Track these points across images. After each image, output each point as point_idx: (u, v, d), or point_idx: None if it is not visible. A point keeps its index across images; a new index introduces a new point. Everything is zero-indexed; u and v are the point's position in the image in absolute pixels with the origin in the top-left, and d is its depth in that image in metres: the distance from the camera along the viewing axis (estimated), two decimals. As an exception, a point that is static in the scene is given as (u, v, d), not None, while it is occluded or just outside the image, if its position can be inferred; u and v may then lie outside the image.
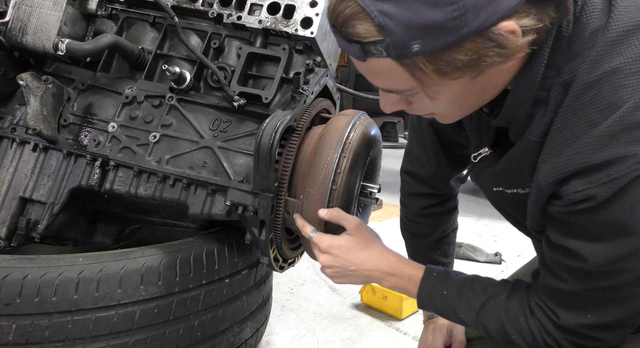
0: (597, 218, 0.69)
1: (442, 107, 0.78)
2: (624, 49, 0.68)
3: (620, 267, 0.71)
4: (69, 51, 1.32)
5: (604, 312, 0.77)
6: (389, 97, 0.79)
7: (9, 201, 1.36)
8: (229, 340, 1.40)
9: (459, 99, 0.75)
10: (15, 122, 1.41)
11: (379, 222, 3.28)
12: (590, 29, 0.71)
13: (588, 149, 0.68)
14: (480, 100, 0.79)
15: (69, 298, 1.10)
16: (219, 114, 1.36)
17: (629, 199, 0.66)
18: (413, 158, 1.23)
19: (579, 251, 0.73)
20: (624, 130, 0.65)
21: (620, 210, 0.67)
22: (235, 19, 1.39)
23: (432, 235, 1.29)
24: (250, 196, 1.22)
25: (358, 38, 0.66)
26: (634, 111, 0.65)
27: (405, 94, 0.76)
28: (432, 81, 0.69)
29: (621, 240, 0.69)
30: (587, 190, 0.68)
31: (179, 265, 1.23)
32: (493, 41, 0.64)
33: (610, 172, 0.66)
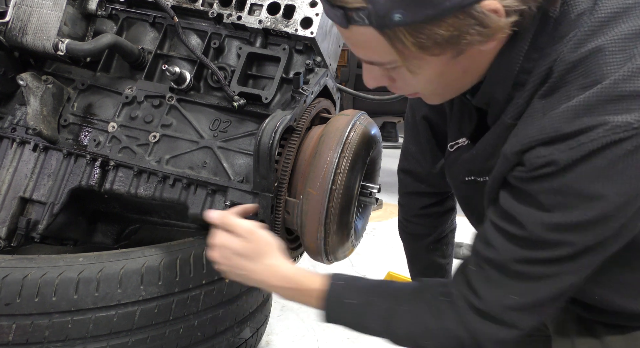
0: (552, 185, 0.67)
1: (423, 85, 0.77)
2: (609, 29, 0.67)
3: (560, 238, 0.69)
4: (69, 51, 1.32)
5: (529, 291, 0.75)
6: (371, 70, 0.79)
7: (9, 201, 1.36)
8: (229, 340, 1.40)
9: (440, 78, 0.75)
10: (15, 122, 1.42)
11: (379, 222, 3.28)
12: (576, 12, 0.70)
13: (560, 119, 0.66)
14: (462, 82, 0.78)
15: (69, 298, 1.10)
16: (219, 114, 1.36)
17: (590, 167, 0.64)
18: (409, 155, 1.23)
19: (521, 217, 0.71)
20: (601, 102, 0.64)
21: (578, 177, 0.65)
22: (235, 19, 1.39)
23: (430, 235, 1.29)
24: (250, 196, 1.22)
25: (342, 3, 0.66)
26: (614, 84, 0.64)
27: (387, 69, 0.76)
28: (413, 55, 0.69)
29: (567, 212, 0.67)
30: (550, 156, 0.66)
31: (179, 265, 1.23)
32: (475, 19, 0.63)
33: (579, 138, 0.64)
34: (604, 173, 0.64)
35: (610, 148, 0.63)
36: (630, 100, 0.63)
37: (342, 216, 1.19)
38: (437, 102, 0.86)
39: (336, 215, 1.17)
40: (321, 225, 1.17)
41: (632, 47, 0.65)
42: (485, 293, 0.77)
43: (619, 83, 0.64)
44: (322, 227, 1.17)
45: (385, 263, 2.59)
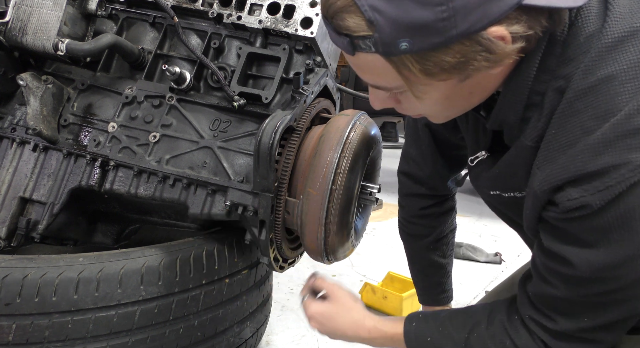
0: (591, 225, 0.69)
1: (429, 107, 0.78)
2: (619, 55, 0.68)
3: (612, 274, 0.71)
4: (69, 51, 1.32)
5: (600, 315, 0.76)
6: (377, 93, 0.79)
7: (9, 201, 1.36)
8: (229, 340, 1.40)
9: (446, 101, 0.75)
10: (15, 122, 1.41)
11: (379, 222, 3.28)
12: (585, 34, 0.70)
13: (583, 157, 0.67)
14: (469, 102, 0.79)
15: (69, 298, 1.10)
16: (219, 114, 1.36)
17: (624, 207, 0.66)
18: (410, 158, 1.23)
19: (570, 258, 0.72)
20: (619, 137, 0.65)
21: (615, 218, 0.67)
22: (235, 19, 1.39)
23: (430, 235, 1.29)
24: (250, 196, 1.22)
25: (348, 31, 0.66)
26: (628, 118, 0.65)
27: (393, 92, 0.76)
28: (419, 81, 0.69)
29: (613, 248, 0.68)
30: (582, 198, 0.67)
31: (179, 265, 1.23)
32: (481, 45, 0.63)
33: (605, 180, 0.65)
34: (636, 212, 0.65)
35: (638, 186, 0.64)
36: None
37: (342, 216, 1.19)
38: (442, 121, 0.86)
39: (336, 215, 1.17)
40: (321, 225, 1.17)
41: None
42: (558, 318, 0.79)
43: (633, 116, 0.64)
44: (322, 227, 1.17)
45: (385, 263, 2.59)
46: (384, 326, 1.01)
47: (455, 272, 1.39)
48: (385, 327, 1.00)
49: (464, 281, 2.45)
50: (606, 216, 0.67)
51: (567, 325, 0.78)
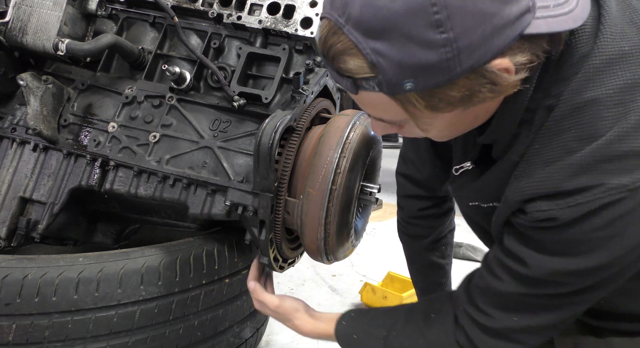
0: (553, 236, 0.71)
1: (434, 134, 0.79)
2: (606, 78, 0.68)
3: (560, 280, 0.74)
4: (69, 51, 1.32)
5: (531, 318, 0.80)
6: (380, 123, 0.80)
7: (9, 201, 1.36)
8: (229, 340, 1.40)
9: (451, 127, 0.76)
10: (15, 122, 1.41)
11: (379, 222, 3.28)
12: (578, 54, 0.70)
13: (559, 176, 0.69)
14: (473, 125, 0.79)
15: (69, 298, 1.10)
16: (219, 114, 1.36)
17: (589, 225, 0.68)
18: (408, 161, 1.24)
19: (526, 259, 0.75)
20: (597, 162, 0.66)
21: (578, 234, 0.69)
22: (235, 19, 1.39)
23: (429, 236, 1.29)
24: (250, 196, 1.22)
25: (350, 73, 0.65)
26: (608, 144, 0.66)
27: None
28: (424, 115, 0.70)
29: (569, 259, 0.71)
30: (551, 211, 0.69)
31: (179, 265, 1.23)
32: (486, 78, 0.63)
33: (577, 197, 0.67)
34: (602, 231, 0.67)
35: (607, 208, 0.66)
36: (624, 160, 0.65)
37: (342, 216, 1.19)
38: (444, 140, 0.87)
39: (336, 215, 1.17)
40: (321, 225, 1.17)
41: (627, 102, 0.67)
42: (489, 312, 0.83)
43: (613, 143, 0.66)
44: (322, 227, 1.17)
45: (385, 263, 2.59)
46: (318, 329, 1.08)
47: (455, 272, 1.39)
48: (319, 330, 1.08)
49: (464, 281, 2.45)
50: (570, 230, 0.69)
51: (499, 322, 0.82)
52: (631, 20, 0.71)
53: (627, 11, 0.72)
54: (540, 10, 0.63)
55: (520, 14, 0.60)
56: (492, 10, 0.58)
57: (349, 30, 0.62)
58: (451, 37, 0.58)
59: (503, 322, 0.81)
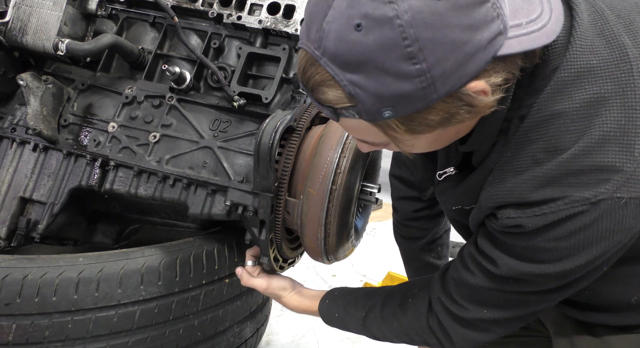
0: (521, 242, 0.75)
1: (418, 151, 0.81)
2: (573, 92, 0.70)
3: (527, 279, 0.78)
4: (69, 51, 1.32)
5: (499, 311, 0.84)
6: (364, 143, 0.81)
7: (9, 201, 1.36)
8: (229, 340, 1.40)
9: (434, 143, 0.78)
10: (15, 122, 1.41)
11: (379, 222, 3.28)
12: (550, 67, 0.72)
13: (527, 186, 0.72)
14: (454, 139, 0.81)
15: (69, 298, 1.10)
16: (219, 114, 1.36)
17: (553, 234, 0.71)
18: (401, 163, 1.24)
19: (496, 259, 0.79)
20: (562, 175, 0.69)
21: (543, 242, 0.73)
22: (235, 19, 1.39)
23: (424, 237, 1.29)
24: (250, 196, 1.22)
25: (329, 104, 0.67)
26: (573, 158, 0.68)
27: None
28: (405, 138, 0.71)
29: (534, 263, 0.75)
30: (518, 218, 0.73)
31: (179, 265, 1.23)
32: (463, 101, 0.64)
33: (543, 207, 0.70)
34: (565, 241, 0.71)
35: (570, 219, 0.69)
36: (587, 174, 0.68)
37: (342, 216, 1.19)
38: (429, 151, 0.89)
39: (336, 215, 1.17)
40: (321, 225, 1.17)
41: (592, 116, 0.68)
42: (461, 302, 0.88)
43: (577, 157, 0.68)
44: (322, 227, 1.17)
45: (385, 263, 2.59)
46: (303, 306, 1.15)
47: (455, 272, 1.39)
48: (304, 306, 1.15)
49: (464, 281, 2.45)
50: (537, 238, 0.73)
51: (471, 314, 0.87)
52: (601, 32, 0.72)
53: (598, 23, 0.73)
54: (512, 29, 0.64)
55: (491, 38, 0.61)
56: (463, 39, 0.59)
57: (325, 62, 0.63)
58: (424, 68, 0.59)
59: (474, 314, 0.86)
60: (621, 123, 0.67)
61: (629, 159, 0.66)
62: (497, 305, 0.84)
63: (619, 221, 0.68)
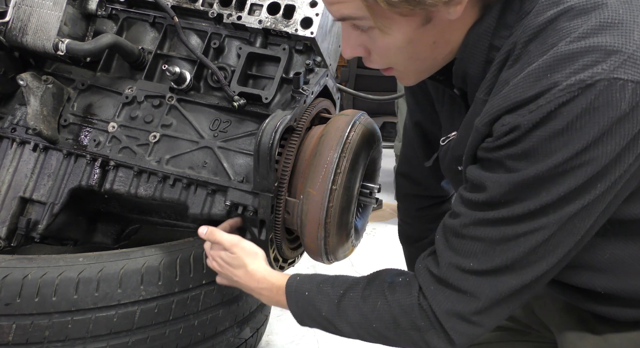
0: (516, 150, 0.68)
1: (394, 51, 0.78)
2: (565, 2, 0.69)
3: (517, 195, 0.70)
4: (69, 51, 1.32)
5: (486, 256, 0.74)
6: (348, 37, 0.81)
7: (9, 201, 1.36)
8: (229, 340, 1.40)
9: (410, 46, 0.76)
10: (15, 122, 1.41)
11: (379, 222, 3.28)
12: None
13: (523, 85, 0.68)
14: (433, 54, 0.80)
15: (69, 298, 1.10)
16: (219, 114, 1.36)
17: (550, 129, 0.65)
18: (406, 159, 1.24)
19: (485, 182, 0.72)
20: (557, 62, 0.65)
21: (539, 139, 0.66)
22: (235, 19, 1.39)
23: (427, 238, 1.29)
24: (250, 196, 1.22)
25: None
26: (568, 44, 0.65)
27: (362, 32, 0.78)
28: (382, 12, 0.71)
29: (528, 169, 0.68)
30: (514, 122, 0.68)
31: (179, 265, 1.23)
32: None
33: (539, 101, 0.65)
34: (563, 133, 0.65)
35: (566, 106, 0.64)
36: (583, 56, 0.64)
37: (342, 216, 1.19)
38: (413, 82, 0.88)
39: (336, 215, 1.17)
40: (321, 225, 1.17)
41: (590, 10, 0.67)
42: (445, 259, 0.78)
43: (573, 42, 0.65)
44: (322, 227, 1.17)
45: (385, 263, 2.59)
46: (272, 277, 0.99)
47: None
48: (273, 279, 0.99)
49: (464, 281, 2.45)
50: (532, 138, 0.66)
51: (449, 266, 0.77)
52: None
53: None
54: None
55: None
56: None
57: None
58: None
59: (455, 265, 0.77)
60: (619, 13, 0.66)
61: (628, 42, 0.64)
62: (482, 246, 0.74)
63: (616, 106, 0.63)
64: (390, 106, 5.69)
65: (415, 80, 0.88)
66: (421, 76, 0.87)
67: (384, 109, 5.63)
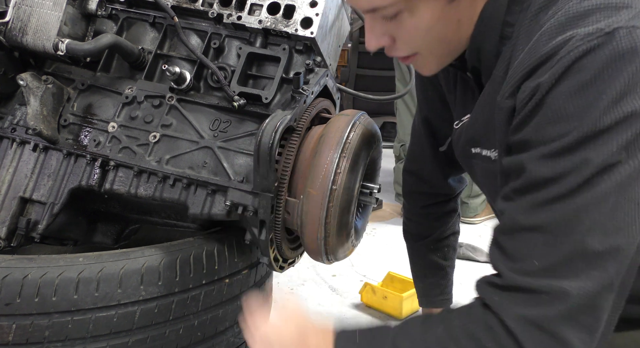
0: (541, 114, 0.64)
1: (423, 33, 0.78)
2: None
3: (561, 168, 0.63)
4: (69, 51, 1.32)
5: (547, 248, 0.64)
6: (373, 27, 0.81)
7: (9, 201, 1.36)
8: (229, 340, 1.40)
9: (438, 25, 0.77)
10: (15, 122, 1.41)
11: (379, 222, 3.28)
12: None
13: (537, 46, 0.66)
14: (457, 35, 0.80)
15: (69, 298, 1.10)
16: (219, 114, 1.36)
17: (575, 82, 0.61)
18: (413, 156, 1.25)
19: (522, 162, 0.66)
20: (571, 19, 0.65)
21: (565, 96, 0.62)
22: (235, 19, 1.39)
23: (430, 236, 1.29)
24: (250, 196, 1.22)
25: None
26: (578, 2, 0.66)
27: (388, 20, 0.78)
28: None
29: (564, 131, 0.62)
30: (534, 82, 0.65)
31: (179, 265, 1.23)
32: None
33: (556, 57, 0.63)
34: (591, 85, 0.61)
35: (587, 56, 0.61)
36: (598, 12, 0.63)
37: (342, 216, 1.19)
38: (435, 69, 0.88)
39: (336, 215, 1.17)
40: (321, 225, 1.17)
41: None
42: (505, 269, 0.68)
43: (583, 0, 0.66)
44: (322, 227, 1.17)
45: (385, 263, 2.59)
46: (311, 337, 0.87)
47: (455, 272, 1.39)
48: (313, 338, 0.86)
49: (464, 281, 2.44)
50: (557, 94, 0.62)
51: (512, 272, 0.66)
52: None
53: None
54: None
55: None
56: None
57: None
58: None
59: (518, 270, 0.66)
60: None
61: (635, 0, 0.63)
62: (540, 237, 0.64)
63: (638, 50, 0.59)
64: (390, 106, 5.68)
65: (438, 67, 0.87)
66: (444, 61, 0.86)
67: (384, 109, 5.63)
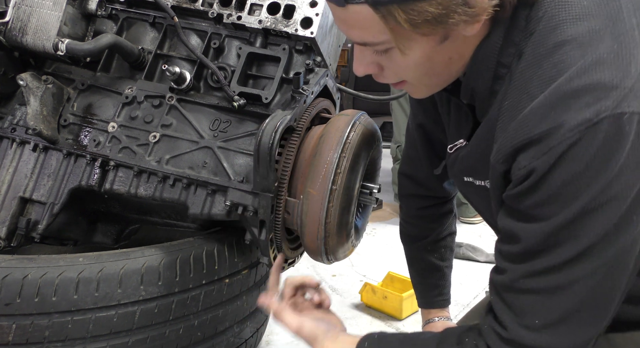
0: (540, 196, 0.68)
1: (412, 69, 0.79)
2: (566, 28, 0.70)
3: (553, 242, 0.69)
4: (69, 51, 1.32)
5: (547, 308, 0.72)
6: (362, 57, 0.81)
7: (9, 201, 1.36)
8: (229, 340, 1.40)
9: (428, 62, 0.77)
10: (15, 122, 1.41)
11: (379, 222, 3.28)
12: (543, 9, 0.73)
13: (528, 122, 0.68)
14: (447, 70, 0.80)
15: (69, 298, 1.10)
16: (219, 114, 1.36)
17: (567, 171, 0.66)
18: (408, 159, 1.25)
19: (518, 232, 0.72)
20: (560, 100, 0.66)
21: (560, 183, 0.66)
22: (235, 19, 1.39)
23: (427, 237, 1.29)
24: (250, 196, 1.22)
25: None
26: (568, 81, 0.66)
27: (378, 52, 0.78)
28: (404, 33, 0.71)
29: (558, 214, 0.68)
30: (529, 165, 0.68)
31: (179, 265, 1.23)
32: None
33: (549, 142, 0.66)
34: (584, 174, 0.65)
35: (576, 147, 0.65)
36: (585, 94, 0.65)
37: (342, 216, 1.19)
38: (424, 95, 0.88)
39: (336, 215, 1.17)
40: (321, 225, 1.17)
41: (586, 45, 0.68)
42: (509, 321, 0.75)
43: (572, 79, 0.66)
44: (322, 227, 1.17)
45: (385, 263, 2.59)
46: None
47: (455, 272, 1.39)
48: None
49: (464, 282, 2.45)
50: (552, 180, 0.67)
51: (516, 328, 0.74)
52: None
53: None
54: None
55: None
56: None
57: None
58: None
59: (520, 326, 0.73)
60: (614, 48, 0.67)
61: (626, 76, 0.65)
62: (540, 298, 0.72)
63: (627, 138, 0.64)
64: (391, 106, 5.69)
65: (427, 93, 0.88)
66: (434, 90, 0.87)
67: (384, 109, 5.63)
